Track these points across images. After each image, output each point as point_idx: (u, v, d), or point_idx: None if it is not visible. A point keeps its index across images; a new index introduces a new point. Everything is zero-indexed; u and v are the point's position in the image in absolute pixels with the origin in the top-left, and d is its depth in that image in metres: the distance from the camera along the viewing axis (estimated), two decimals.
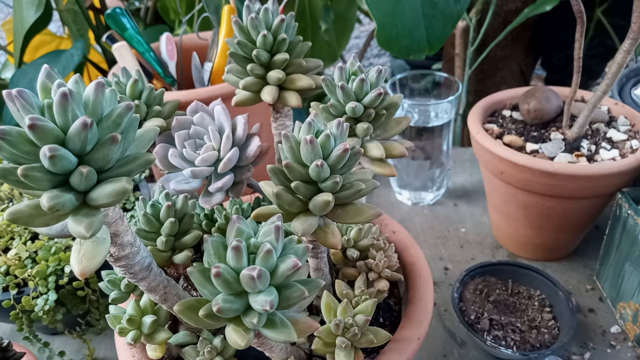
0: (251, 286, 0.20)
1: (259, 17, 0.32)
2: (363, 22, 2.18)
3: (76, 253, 0.21)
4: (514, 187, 0.55)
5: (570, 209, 0.55)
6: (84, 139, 0.19)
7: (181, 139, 0.33)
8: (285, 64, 0.33)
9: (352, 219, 0.26)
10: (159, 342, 0.30)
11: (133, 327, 0.30)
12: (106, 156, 0.19)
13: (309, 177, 0.25)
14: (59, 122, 0.19)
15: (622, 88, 0.68)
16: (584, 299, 0.57)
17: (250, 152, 0.33)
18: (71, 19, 0.97)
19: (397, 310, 0.37)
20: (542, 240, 0.60)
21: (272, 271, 0.21)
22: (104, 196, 0.19)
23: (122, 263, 0.25)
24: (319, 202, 0.25)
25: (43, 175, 0.19)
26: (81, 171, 0.19)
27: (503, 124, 0.61)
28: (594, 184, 0.51)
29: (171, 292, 0.29)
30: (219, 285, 0.21)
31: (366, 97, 0.31)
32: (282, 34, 0.32)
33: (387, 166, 0.33)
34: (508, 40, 1.06)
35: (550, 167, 0.50)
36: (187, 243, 0.33)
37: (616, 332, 0.53)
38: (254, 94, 0.34)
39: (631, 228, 0.49)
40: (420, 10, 0.60)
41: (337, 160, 0.24)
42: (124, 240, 0.24)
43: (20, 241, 0.50)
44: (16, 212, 0.20)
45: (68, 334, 0.53)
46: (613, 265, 0.54)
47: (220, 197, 0.33)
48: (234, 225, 0.21)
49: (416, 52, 0.62)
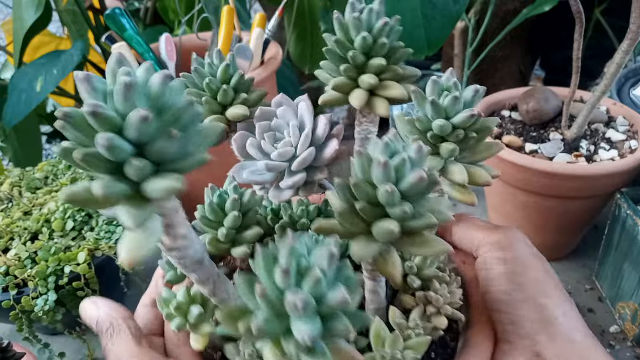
0: (294, 312, 0.19)
1: (361, 16, 0.30)
2: None
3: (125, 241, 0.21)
4: (513, 187, 0.56)
5: (569, 209, 0.55)
6: (142, 131, 0.19)
7: (262, 130, 0.32)
8: (380, 69, 0.30)
9: (417, 250, 0.24)
10: (202, 334, 0.30)
11: (180, 314, 0.30)
12: (163, 150, 0.19)
13: (376, 199, 0.23)
14: (119, 110, 0.19)
15: (620, 88, 0.68)
16: (583, 299, 0.57)
17: (327, 153, 0.32)
18: (71, 20, 0.97)
19: (453, 347, 0.33)
20: (541, 240, 0.60)
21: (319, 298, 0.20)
22: (156, 191, 0.19)
23: (174, 254, 0.25)
24: (382, 229, 0.23)
25: (99, 162, 0.19)
26: (134, 163, 0.19)
27: (502, 124, 0.61)
28: (593, 184, 0.51)
29: (220, 287, 0.29)
30: (263, 304, 0.20)
31: (457, 115, 0.29)
32: (383, 38, 0.30)
33: (468, 193, 0.31)
34: (507, 40, 1.06)
35: (549, 167, 0.50)
36: (248, 238, 0.32)
37: (615, 331, 0.53)
38: (343, 95, 0.32)
39: (630, 228, 0.49)
40: (420, 10, 0.60)
41: (409, 187, 0.22)
42: (177, 233, 0.24)
43: (19, 241, 0.50)
44: (72, 194, 0.20)
45: (68, 334, 0.53)
46: (612, 265, 0.54)
47: (289, 194, 0.33)
48: (287, 244, 0.20)
49: (415, 53, 0.62)
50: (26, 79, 0.77)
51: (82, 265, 0.48)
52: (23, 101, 0.76)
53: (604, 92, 0.51)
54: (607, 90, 0.51)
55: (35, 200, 0.56)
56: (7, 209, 0.56)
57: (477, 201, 0.31)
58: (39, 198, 0.57)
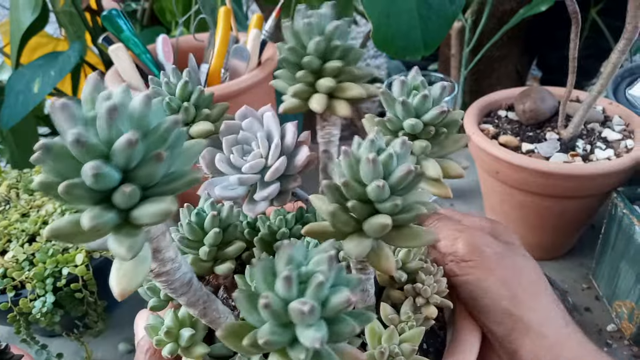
0: (300, 320, 0.19)
1: (312, 22, 0.30)
2: (359, 23, 2.19)
3: (115, 272, 0.20)
4: (510, 187, 0.56)
5: (566, 209, 0.55)
6: (129, 156, 0.18)
7: (229, 144, 0.32)
8: (337, 72, 0.31)
9: (407, 242, 0.25)
10: (195, 357, 0.30)
11: (171, 339, 0.29)
12: (151, 174, 0.19)
13: (366, 196, 0.23)
14: (102, 137, 0.18)
15: (616, 88, 0.68)
16: (580, 298, 0.58)
17: (299, 161, 0.31)
18: (68, 21, 0.97)
19: (442, 335, 0.34)
20: (538, 240, 0.61)
21: (323, 303, 0.20)
22: (147, 216, 0.19)
23: (163, 279, 0.24)
24: (375, 225, 0.23)
25: (85, 193, 0.18)
26: (123, 190, 0.18)
27: (499, 124, 0.61)
28: (590, 183, 0.51)
29: (211, 306, 0.28)
30: (267, 316, 0.20)
31: (427, 114, 0.30)
32: (336, 40, 0.30)
33: (442, 187, 0.31)
34: (503, 40, 1.06)
35: (545, 166, 0.51)
36: (230, 254, 0.32)
37: (612, 330, 0.53)
38: (303, 101, 0.32)
39: (626, 227, 0.50)
40: (416, 11, 0.60)
41: (398, 181, 0.23)
42: (165, 257, 0.24)
43: (17, 243, 0.50)
44: (56, 230, 0.19)
45: (66, 336, 0.53)
46: (609, 264, 0.55)
47: (264, 206, 0.32)
48: (285, 252, 0.20)
49: (412, 53, 0.62)
50: (23, 81, 0.77)
51: (80, 267, 0.48)
52: (20, 103, 0.76)
53: (600, 91, 0.51)
54: (603, 90, 0.51)
55: (33, 202, 0.56)
56: (5, 211, 0.56)
57: (451, 194, 0.32)
58: (36, 200, 0.57)
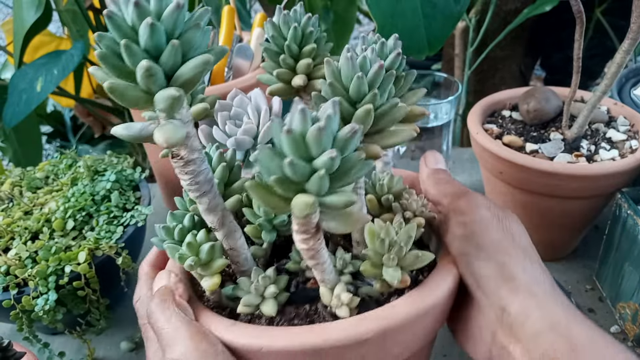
0: (317, 142, 0.22)
1: (289, 15, 0.36)
2: (362, 22, 2.19)
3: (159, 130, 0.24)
4: (514, 187, 0.56)
5: (569, 209, 0.55)
6: (175, 19, 0.23)
7: (223, 119, 0.36)
8: (313, 53, 0.36)
9: (389, 140, 0.29)
10: (215, 270, 0.31)
11: (192, 253, 0.31)
12: (191, 39, 0.24)
13: (349, 97, 0.28)
14: (154, 4, 0.23)
15: (621, 88, 0.68)
16: (583, 299, 0.57)
17: None
18: (71, 20, 0.97)
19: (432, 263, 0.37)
20: (541, 240, 0.60)
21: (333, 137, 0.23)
22: (190, 69, 0.23)
23: (190, 168, 0.28)
24: (359, 113, 0.27)
25: (139, 49, 0.23)
26: (173, 43, 0.23)
27: (502, 124, 0.61)
28: (594, 184, 0.51)
29: (227, 216, 0.32)
30: (289, 144, 0.23)
31: (387, 59, 0.33)
32: (310, 27, 0.36)
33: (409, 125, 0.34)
34: (507, 40, 1.06)
35: (549, 167, 0.50)
36: (237, 190, 0.35)
37: (616, 332, 0.53)
38: (286, 84, 0.37)
39: (631, 228, 0.49)
40: (420, 10, 0.60)
41: (374, 77, 0.28)
42: (193, 144, 0.27)
43: (20, 241, 0.50)
44: (113, 84, 0.23)
45: (68, 333, 0.53)
46: (613, 265, 0.54)
47: None
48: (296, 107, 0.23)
49: (416, 53, 0.62)
50: (26, 79, 0.77)
51: (82, 265, 0.48)
52: (23, 101, 0.76)
53: (605, 92, 0.51)
54: (608, 90, 0.51)
55: (36, 200, 0.56)
56: (8, 209, 0.56)
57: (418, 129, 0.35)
58: (39, 198, 0.57)
